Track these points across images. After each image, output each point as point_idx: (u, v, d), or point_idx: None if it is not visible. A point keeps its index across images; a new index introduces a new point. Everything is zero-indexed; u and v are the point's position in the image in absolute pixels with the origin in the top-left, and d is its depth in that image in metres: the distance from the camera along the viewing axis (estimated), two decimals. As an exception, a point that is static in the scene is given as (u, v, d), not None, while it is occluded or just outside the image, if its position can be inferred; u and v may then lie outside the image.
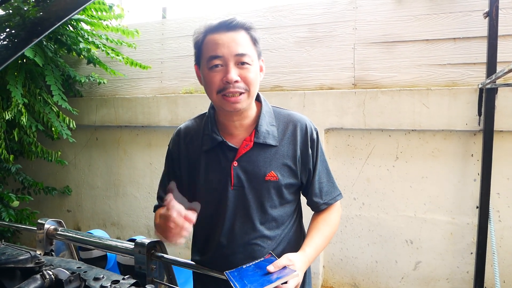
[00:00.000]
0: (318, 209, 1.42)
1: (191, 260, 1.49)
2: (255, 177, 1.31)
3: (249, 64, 1.24)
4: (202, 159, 1.37)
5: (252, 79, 1.25)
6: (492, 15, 2.58)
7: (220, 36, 1.23)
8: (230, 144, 1.33)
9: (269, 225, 1.35)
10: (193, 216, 1.12)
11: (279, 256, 1.21)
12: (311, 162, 1.38)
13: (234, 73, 1.21)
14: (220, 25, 1.25)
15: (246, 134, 1.35)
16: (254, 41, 1.29)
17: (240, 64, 1.23)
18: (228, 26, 1.24)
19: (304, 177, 1.39)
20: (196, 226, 1.42)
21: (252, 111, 1.37)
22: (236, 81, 1.22)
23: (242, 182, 1.31)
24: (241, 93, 1.24)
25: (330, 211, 1.43)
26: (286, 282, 1.10)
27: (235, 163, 1.32)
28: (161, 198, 1.46)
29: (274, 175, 1.31)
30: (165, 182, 1.46)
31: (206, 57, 1.25)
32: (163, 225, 1.13)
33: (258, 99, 1.40)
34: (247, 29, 1.27)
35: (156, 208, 1.48)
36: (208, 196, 1.36)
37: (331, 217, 1.42)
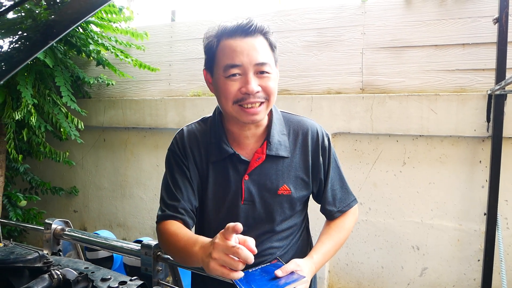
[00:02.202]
0: (332, 217, 1.38)
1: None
2: (267, 191, 1.27)
3: (269, 73, 1.17)
4: (210, 170, 1.29)
5: (272, 88, 1.18)
6: (502, 21, 2.56)
7: (237, 43, 1.15)
8: (242, 157, 1.26)
9: (278, 237, 1.32)
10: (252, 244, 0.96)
11: (285, 262, 1.20)
12: (322, 171, 1.33)
13: (254, 84, 1.14)
14: (236, 29, 1.17)
15: (257, 145, 1.29)
16: (272, 47, 1.22)
17: (260, 73, 1.15)
18: (246, 31, 1.16)
19: (315, 186, 1.35)
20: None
21: (265, 120, 1.29)
22: (257, 92, 1.15)
23: (253, 196, 1.26)
24: (261, 103, 1.17)
25: (345, 216, 1.39)
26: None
27: (246, 177, 1.26)
28: (173, 207, 1.27)
29: (287, 188, 1.27)
30: (173, 190, 1.29)
31: (223, 65, 1.16)
32: (225, 259, 0.93)
33: None
34: (265, 34, 1.20)
35: (163, 218, 1.27)
36: (217, 210, 1.30)
37: (345, 222, 1.38)
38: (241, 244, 0.94)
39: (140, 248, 1.51)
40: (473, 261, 2.87)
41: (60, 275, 1.16)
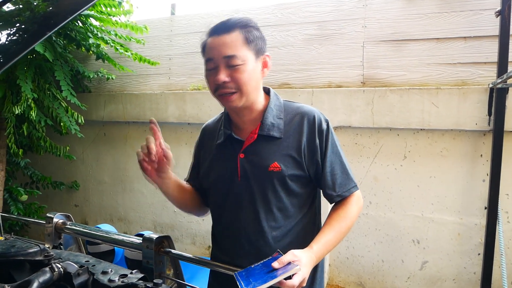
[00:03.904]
0: (332, 201, 1.41)
1: (210, 247, 1.56)
2: (259, 168, 1.35)
3: (239, 64, 1.27)
4: (215, 152, 1.46)
5: (243, 79, 1.28)
6: (504, 14, 2.55)
7: (213, 40, 1.30)
8: (236, 136, 1.40)
9: (274, 216, 1.36)
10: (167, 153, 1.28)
11: (286, 250, 1.21)
12: (319, 153, 1.37)
13: (222, 75, 1.27)
14: (215, 28, 1.32)
15: (253, 127, 1.39)
16: (248, 40, 1.30)
17: (230, 65, 1.27)
18: (223, 28, 1.30)
19: (311, 168, 1.38)
20: (212, 215, 1.52)
21: (259, 105, 1.40)
22: (225, 82, 1.27)
23: (248, 173, 1.36)
24: (232, 93, 1.29)
25: (347, 204, 1.40)
26: (290, 277, 1.10)
27: (242, 155, 1.37)
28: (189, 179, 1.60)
29: (277, 165, 1.33)
30: (189, 175, 1.60)
31: (204, 60, 1.35)
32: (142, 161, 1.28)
33: (268, 93, 1.44)
34: (241, 27, 1.30)
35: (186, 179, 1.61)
36: (218, 188, 1.43)
37: (348, 211, 1.39)
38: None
39: (141, 241, 1.51)
40: (473, 255, 2.87)
41: (61, 268, 1.16)
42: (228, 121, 1.45)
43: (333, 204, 1.44)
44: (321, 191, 1.47)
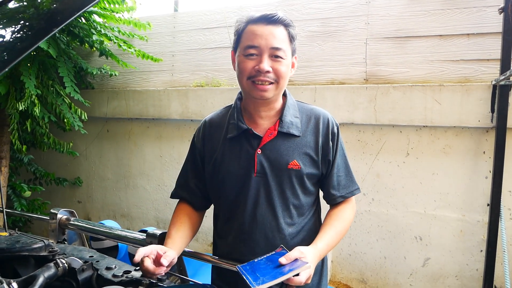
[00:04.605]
0: (334, 201, 1.44)
1: (212, 244, 1.54)
2: (277, 165, 1.36)
3: (283, 58, 1.31)
4: (226, 146, 1.42)
5: (283, 72, 1.32)
6: (508, 11, 2.54)
7: (259, 28, 1.31)
8: (254, 132, 1.38)
9: (290, 213, 1.38)
10: (165, 261, 1.18)
11: (294, 246, 1.22)
12: (331, 154, 1.41)
13: (266, 64, 1.29)
14: (261, 17, 1.32)
15: (270, 124, 1.40)
16: (291, 38, 1.36)
17: (274, 56, 1.30)
18: (269, 19, 1.31)
19: (324, 167, 1.42)
20: (218, 211, 1.50)
21: (278, 103, 1.43)
22: (268, 71, 1.29)
23: (265, 169, 1.36)
24: (270, 83, 1.31)
25: (345, 207, 1.45)
26: (298, 274, 1.10)
27: (259, 151, 1.36)
28: (181, 186, 1.55)
29: (297, 163, 1.35)
30: (187, 172, 1.54)
31: (244, 45, 1.33)
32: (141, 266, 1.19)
33: (283, 93, 1.46)
34: (286, 25, 1.34)
35: (172, 195, 1.56)
36: (231, 182, 1.40)
37: (345, 213, 1.43)
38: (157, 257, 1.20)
39: (145, 237, 1.52)
40: (475, 251, 2.88)
41: (65, 264, 1.17)
42: (241, 115, 1.43)
43: (330, 205, 1.48)
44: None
